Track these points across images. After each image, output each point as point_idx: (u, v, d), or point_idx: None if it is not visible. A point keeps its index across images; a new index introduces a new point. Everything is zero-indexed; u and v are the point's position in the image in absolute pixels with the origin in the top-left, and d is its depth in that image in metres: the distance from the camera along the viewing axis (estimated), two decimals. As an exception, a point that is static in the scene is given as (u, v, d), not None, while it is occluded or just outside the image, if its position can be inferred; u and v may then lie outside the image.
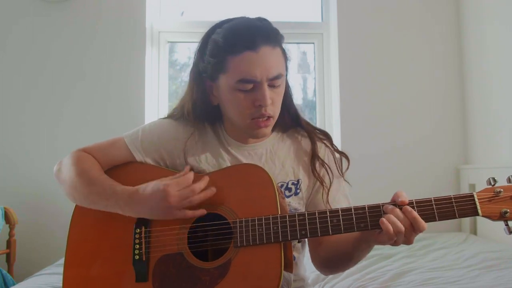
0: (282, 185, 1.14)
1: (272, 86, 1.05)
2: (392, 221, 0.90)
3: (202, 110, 1.13)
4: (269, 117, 1.06)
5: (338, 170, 1.19)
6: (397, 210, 0.92)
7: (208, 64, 1.07)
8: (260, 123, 1.06)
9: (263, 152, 1.16)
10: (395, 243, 0.93)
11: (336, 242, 1.09)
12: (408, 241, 0.93)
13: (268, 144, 1.17)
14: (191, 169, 1.09)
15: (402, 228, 0.90)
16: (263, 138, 1.16)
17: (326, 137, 1.20)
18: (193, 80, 1.13)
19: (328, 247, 1.12)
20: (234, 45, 1.02)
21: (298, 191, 1.14)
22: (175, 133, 1.15)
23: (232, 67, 1.02)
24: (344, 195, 1.18)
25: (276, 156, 1.16)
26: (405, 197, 0.94)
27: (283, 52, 1.09)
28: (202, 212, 1.01)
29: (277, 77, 1.04)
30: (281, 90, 1.09)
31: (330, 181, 1.15)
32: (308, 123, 1.20)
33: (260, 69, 1.01)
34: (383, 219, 0.91)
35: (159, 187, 0.99)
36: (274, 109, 1.07)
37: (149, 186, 1.01)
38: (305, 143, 1.18)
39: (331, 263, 1.14)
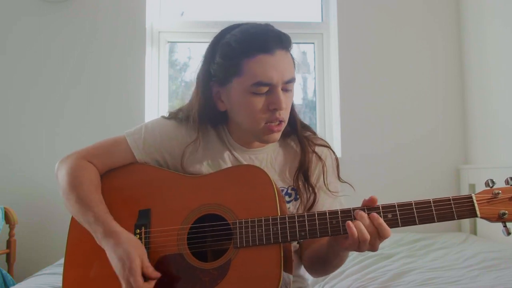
0: (282, 190, 1.13)
1: (285, 90, 1.04)
2: (359, 226, 0.91)
3: (208, 116, 1.12)
4: (281, 122, 1.06)
5: (332, 180, 1.17)
6: (366, 216, 0.93)
7: (220, 68, 1.06)
8: (273, 127, 1.05)
9: (264, 157, 1.15)
10: (359, 249, 0.93)
11: (317, 245, 1.11)
12: (372, 247, 0.93)
13: (270, 151, 1.16)
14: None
15: (367, 235, 0.91)
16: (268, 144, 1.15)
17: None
18: (200, 86, 1.11)
19: (311, 250, 1.13)
20: (250, 48, 1.01)
21: (298, 196, 1.14)
22: (178, 135, 1.15)
23: (248, 70, 1.01)
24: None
25: (276, 162, 1.16)
26: (375, 201, 0.95)
27: (292, 57, 1.10)
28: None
29: (291, 80, 1.05)
30: (292, 95, 1.09)
31: (309, 198, 1.13)
32: (303, 131, 1.18)
33: (276, 72, 1.01)
34: (350, 223, 0.92)
35: (128, 257, 0.96)
36: (286, 114, 1.07)
37: (123, 246, 0.98)
38: (297, 154, 1.17)
39: (312, 266, 1.16)
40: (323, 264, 1.12)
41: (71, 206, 1.08)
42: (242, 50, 1.02)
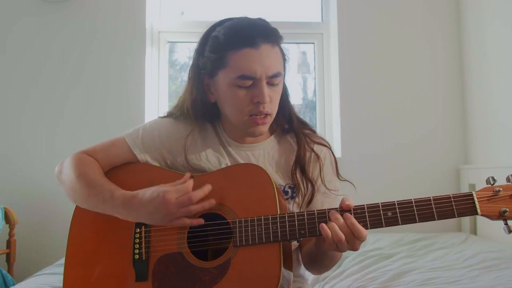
0: (280, 187, 1.13)
1: (270, 84, 1.05)
2: (333, 227, 0.92)
3: (201, 108, 1.13)
4: (266, 115, 1.06)
5: (332, 179, 1.17)
6: (340, 216, 0.93)
7: (208, 60, 1.07)
8: (257, 120, 1.06)
9: (260, 154, 1.15)
10: (338, 250, 0.94)
11: (308, 246, 1.11)
12: (352, 247, 0.93)
13: (266, 147, 1.17)
14: (192, 176, 1.08)
15: (341, 235, 0.91)
16: (260, 138, 1.16)
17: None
18: (192, 78, 1.13)
19: (305, 250, 1.14)
20: (235, 41, 1.03)
21: (295, 195, 1.14)
22: (176, 132, 1.15)
23: (232, 63, 1.03)
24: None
25: (273, 160, 1.16)
26: (351, 201, 0.95)
27: (282, 52, 1.10)
28: (199, 221, 1.01)
29: (276, 75, 1.05)
30: (279, 89, 1.09)
31: (307, 191, 1.13)
32: (301, 128, 1.18)
33: (260, 66, 1.02)
34: (323, 225, 0.92)
35: (158, 193, 0.99)
36: (272, 107, 1.07)
37: (148, 192, 1.01)
38: (294, 150, 1.17)
39: (306, 265, 1.17)
40: (315, 264, 1.13)
41: (81, 194, 1.08)
42: (228, 43, 1.04)
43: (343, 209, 0.95)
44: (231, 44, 1.03)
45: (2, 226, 2.17)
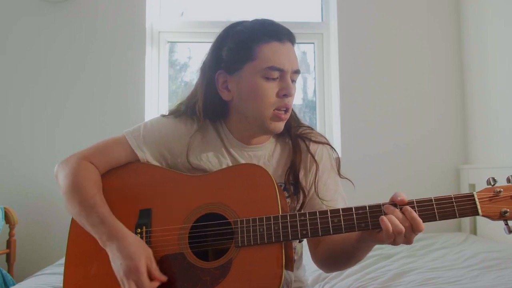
0: (280, 185, 1.13)
1: (292, 80, 1.09)
2: (392, 220, 0.91)
3: (212, 107, 1.13)
4: (287, 110, 1.08)
5: (332, 175, 1.17)
6: (397, 210, 0.92)
7: (231, 53, 1.08)
8: (281, 115, 1.07)
9: (262, 154, 1.16)
10: (394, 243, 0.93)
11: (334, 241, 1.10)
12: (408, 241, 0.93)
13: (267, 148, 1.17)
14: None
15: (402, 228, 0.90)
16: (264, 139, 1.16)
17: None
18: (206, 75, 1.12)
19: (326, 247, 1.12)
20: (263, 34, 1.06)
21: (297, 191, 1.14)
22: (178, 132, 1.15)
23: (261, 54, 1.05)
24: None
25: (274, 159, 1.16)
26: (404, 196, 0.94)
27: None
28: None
29: (297, 71, 1.09)
30: (295, 87, 1.12)
31: (300, 197, 1.14)
32: (299, 128, 1.19)
33: (286, 60, 1.06)
34: (383, 217, 0.91)
35: (133, 257, 0.97)
36: (292, 102, 1.10)
37: (131, 247, 0.99)
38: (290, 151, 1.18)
39: (330, 262, 1.15)
40: (348, 259, 1.10)
41: (73, 208, 1.07)
42: (256, 36, 1.06)
43: (395, 203, 0.94)
44: (260, 36, 1.06)
45: (2, 226, 2.17)
